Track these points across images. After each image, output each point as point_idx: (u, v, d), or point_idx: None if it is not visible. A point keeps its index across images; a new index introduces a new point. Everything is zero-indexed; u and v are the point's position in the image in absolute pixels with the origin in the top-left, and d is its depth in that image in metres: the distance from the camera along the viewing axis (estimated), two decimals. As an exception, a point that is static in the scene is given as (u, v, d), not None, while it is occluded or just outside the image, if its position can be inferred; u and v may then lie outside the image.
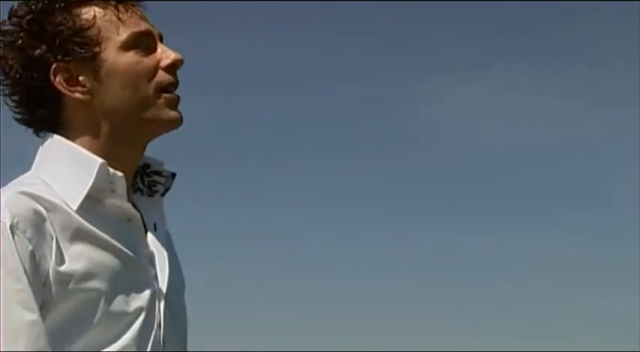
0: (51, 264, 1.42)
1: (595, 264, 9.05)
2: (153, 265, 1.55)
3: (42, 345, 1.38)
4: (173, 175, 1.62)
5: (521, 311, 8.86)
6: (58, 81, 1.52)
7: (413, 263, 9.25)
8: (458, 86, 9.52)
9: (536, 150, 9.64)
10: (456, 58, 9.43)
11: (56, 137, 1.55)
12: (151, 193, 1.61)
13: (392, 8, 8.99)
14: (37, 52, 1.51)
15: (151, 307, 1.51)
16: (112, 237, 1.50)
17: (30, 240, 1.41)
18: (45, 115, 1.55)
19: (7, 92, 1.55)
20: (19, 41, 1.52)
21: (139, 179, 1.61)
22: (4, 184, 1.51)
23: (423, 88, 9.37)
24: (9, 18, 1.54)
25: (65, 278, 1.43)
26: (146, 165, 1.61)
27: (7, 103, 1.56)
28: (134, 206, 1.56)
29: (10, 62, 1.53)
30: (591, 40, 9.20)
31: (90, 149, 1.52)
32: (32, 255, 1.41)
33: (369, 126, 9.58)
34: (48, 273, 1.42)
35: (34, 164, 1.56)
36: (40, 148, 1.56)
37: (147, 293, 1.52)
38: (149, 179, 1.61)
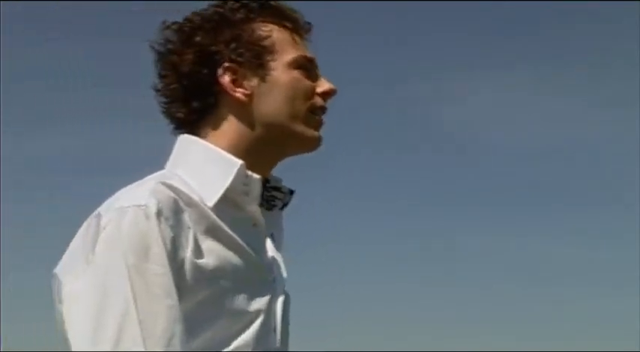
0: (187, 254, 1.46)
1: (595, 264, 9.07)
2: (272, 270, 1.60)
3: (177, 330, 1.41)
4: (291, 192, 1.67)
5: (521, 311, 8.87)
6: (225, 79, 1.59)
7: (413, 263, 9.27)
8: (458, 86, 9.53)
9: (536, 150, 9.66)
10: (455, 59, 9.46)
11: (195, 137, 1.60)
12: (269, 207, 1.65)
13: (392, 8, 9.01)
14: (214, 48, 1.59)
15: (269, 310, 1.56)
16: (240, 238, 1.54)
17: (172, 227, 1.45)
18: (198, 109, 1.60)
19: (164, 85, 1.61)
20: (198, 37, 1.60)
21: None
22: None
23: (422, 89, 9.39)
24: (184, 20, 1.62)
25: (198, 271, 1.46)
26: (266, 180, 1.64)
27: (157, 98, 1.62)
28: None
29: (184, 56, 1.59)
30: (591, 40, 9.23)
31: (229, 152, 1.57)
32: (173, 242, 1.44)
33: (369, 126, 9.59)
34: (183, 263, 1.45)
35: (170, 161, 1.61)
36: (177, 147, 1.62)
37: (266, 296, 1.56)
38: (268, 194, 1.64)
